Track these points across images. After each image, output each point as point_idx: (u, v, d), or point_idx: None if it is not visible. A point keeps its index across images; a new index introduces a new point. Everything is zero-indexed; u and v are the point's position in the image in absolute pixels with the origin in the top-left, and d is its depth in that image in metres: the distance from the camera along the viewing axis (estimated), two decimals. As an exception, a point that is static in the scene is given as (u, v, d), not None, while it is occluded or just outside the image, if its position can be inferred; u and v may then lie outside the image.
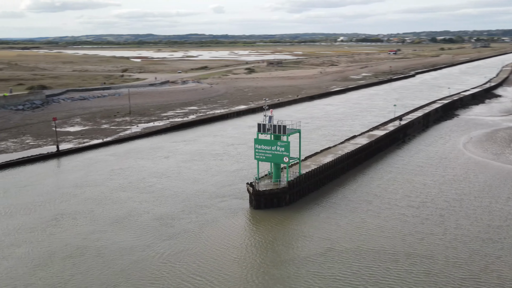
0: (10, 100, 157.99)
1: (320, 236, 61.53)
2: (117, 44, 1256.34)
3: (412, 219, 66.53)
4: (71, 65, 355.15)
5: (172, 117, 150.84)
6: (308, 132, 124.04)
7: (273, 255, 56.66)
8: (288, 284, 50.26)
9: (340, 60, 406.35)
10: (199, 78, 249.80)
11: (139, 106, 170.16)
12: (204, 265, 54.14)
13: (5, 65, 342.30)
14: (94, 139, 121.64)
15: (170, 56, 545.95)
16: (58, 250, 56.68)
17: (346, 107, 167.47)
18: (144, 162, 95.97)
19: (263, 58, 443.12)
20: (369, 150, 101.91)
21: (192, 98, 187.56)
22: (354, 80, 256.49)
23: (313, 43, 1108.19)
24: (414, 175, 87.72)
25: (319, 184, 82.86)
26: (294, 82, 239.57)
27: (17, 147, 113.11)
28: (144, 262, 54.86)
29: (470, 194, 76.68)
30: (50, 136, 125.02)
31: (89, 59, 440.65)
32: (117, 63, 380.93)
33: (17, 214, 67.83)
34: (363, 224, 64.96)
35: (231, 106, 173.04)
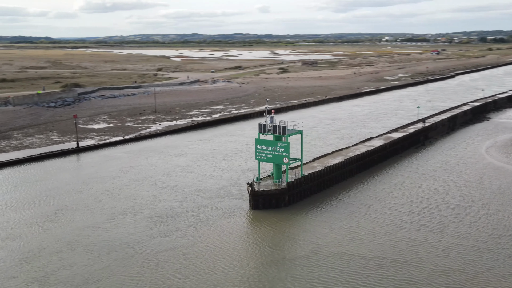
0: (43, 97, 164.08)
1: (310, 240, 60.65)
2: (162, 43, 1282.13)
3: (409, 225, 64.51)
4: (112, 64, 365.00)
5: (196, 116, 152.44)
6: (326, 133, 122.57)
7: (256, 257, 56.29)
8: (264, 286, 49.82)
9: (378, 61, 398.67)
10: (230, 77, 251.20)
11: (166, 105, 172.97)
12: (186, 264, 54.43)
13: (50, 64, 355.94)
14: (115, 136, 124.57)
15: (210, 55, 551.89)
16: (49, 245, 58.37)
17: (372, 109, 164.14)
18: (154, 161, 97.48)
19: (301, 58, 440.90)
20: (382, 152, 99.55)
21: (219, 98, 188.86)
22: (388, 81, 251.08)
23: (356, 43, 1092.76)
24: (424, 179, 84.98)
25: (323, 186, 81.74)
26: (325, 82, 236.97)
27: (41, 143, 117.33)
28: (130, 259, 55.70)
29: (479, 201, 73.58)
30: (75, 132, 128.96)
31: (131, 58, 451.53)
32: (156, 62, 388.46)
33: (20, 208, 70.39)
34: (356, 229, 63.53)
35: (257, 105, 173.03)
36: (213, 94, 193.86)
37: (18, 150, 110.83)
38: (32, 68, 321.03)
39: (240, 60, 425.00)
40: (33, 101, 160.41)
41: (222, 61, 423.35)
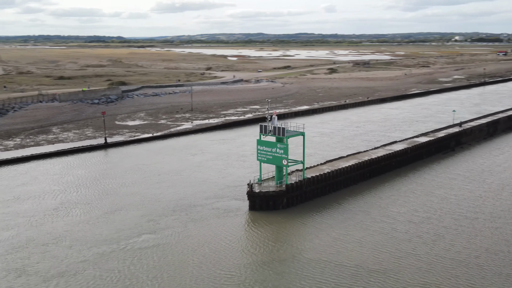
0: (88, 94, 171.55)
1: (291, 244, 59.32)
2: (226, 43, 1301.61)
3: (402, 235, 61.41)
4: (168, 63, 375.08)
5: (229, 115, 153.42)
6: (352, 136, 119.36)
7: (230, 258, 55.55)
8: (226, 290, 49.38)
9: (437, 61, 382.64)
10: (275, 77, 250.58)
11: (204, 104, 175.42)
12: (160, 262, 54.79)
13: (110, 62, 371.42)
14: (145, 133, 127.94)
15: (267, 55, 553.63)
16: (38, 238, 60.67)
17: (412, 112, 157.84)
18: (170, 159, 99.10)
19: (357, 59, 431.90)
20: (402, 157, 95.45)
21: (258, 97, 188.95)
22: (440, 83, 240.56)
23: (422, 43, 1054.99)
24: (439, 187, 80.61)
25: (328, 190, 79.65)
26: (372, 83, 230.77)
27: (74, 138, 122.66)
28: (109, 254, 56.84)
29: (489, 214, 68.77)
30: (109, 128, 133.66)
31: (188, 57, 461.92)
32: (211, 61, 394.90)
33: (27, 201, 73.81)
34: (343, 236, 61.32)
35: (294, 106, 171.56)
36: (253, 94, 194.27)
37: (52, 144, 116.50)
38: (92, 66, 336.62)
39: (294, 60, 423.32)
40: (78, 98, 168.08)
41: (277, 60, 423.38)
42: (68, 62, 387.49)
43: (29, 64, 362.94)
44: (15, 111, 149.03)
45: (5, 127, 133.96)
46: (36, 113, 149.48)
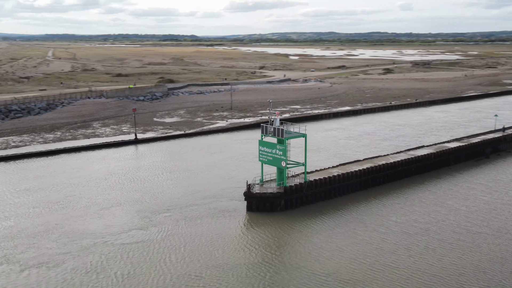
0: (134, 91, 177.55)
1: (270, 248, 57.97)
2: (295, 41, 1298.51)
3: (389, 246, 58.12)
4: (227, 62, 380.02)
5: (267, 115, 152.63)
6: (381, 140, 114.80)
7: (203, 258, 55.06)
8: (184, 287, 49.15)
9: (508, 62, 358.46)
10: (325, 77, 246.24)
11: (246, 102, 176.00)
12: (139, 257, 55.45)
13: (171, 60, 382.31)
14: (177, 130, 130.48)
15: (331, 54, 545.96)
16: (30, 229, 63.25)
17: (458, 116, 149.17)
18: (187, 157, 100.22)
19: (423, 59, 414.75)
20: (424, 163, 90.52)
21: (302, 97, 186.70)
22: (503, 85, 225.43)
23: (503, 43, 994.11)
24: (452, 197, 75.56)
25: (333, 194, 77.16)
26: (426, 84, 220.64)
27: (110, 133, 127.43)
28: (91, 248, 58.30)
29: (497, 229, 63.50)
30: (146, 125, 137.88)
31: (249, 56, 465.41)
32: (271, 60, 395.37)
33: (35, 193, 77.40)
34: (325, 243, 59.01)
35: (336, 107, 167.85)
36: (298, 93, 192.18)
37: (88, 138, 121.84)
38: (153, 64, 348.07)
39: (355, 59, 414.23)
40: (124, 95, 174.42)
41: (337, 60, 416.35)
42: (134, 60, 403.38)
43: (98, 62, 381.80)
44: (64, 106, 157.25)
45: (51, 121, 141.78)
46: (82, 108, 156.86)
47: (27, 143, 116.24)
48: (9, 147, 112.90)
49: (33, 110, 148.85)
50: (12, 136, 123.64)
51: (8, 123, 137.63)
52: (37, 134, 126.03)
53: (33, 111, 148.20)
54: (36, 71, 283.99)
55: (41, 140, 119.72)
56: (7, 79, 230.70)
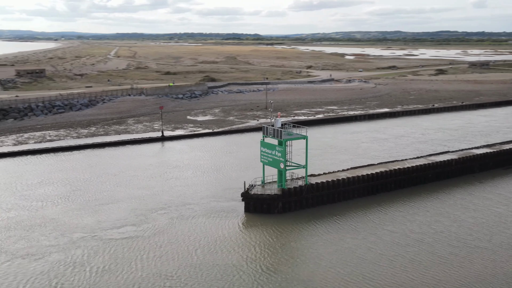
0: (174, 89, 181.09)
1: (248, 250, 56.99)
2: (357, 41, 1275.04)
3: (371, 256, 55.36)
4: (279, 61, 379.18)
5: (300, 115, 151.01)
6: (407, 144, 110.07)
7: (181, 258, 55.12)
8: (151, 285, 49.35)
9: None
10: (371, 77, 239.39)
11: (283, 102, 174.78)
12: (120, 253, 56.32)
13: (224, 59, 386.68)
14: (206, 129, 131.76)
15: (390, 54, 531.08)
16: (27, 221, 65.81)
17: (501, 121, 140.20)
18: (202, 155, 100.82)
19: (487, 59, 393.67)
20: (442, 169, 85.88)
21: (341, 98, 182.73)
22: None
23: None
24: (462, 207, 71.03)
25: (337, 198, 74.85)
26: (478, 86, 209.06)
27: (140, 130, 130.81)
28: (79, 242, 59.74)
29: (498, 244, 58.96)
30: (178, 122, 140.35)
31: (303, 55, 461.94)
32: (324, 60, 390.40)
33: (45, 186, 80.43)
34: (306, 250, 57.38)
35: (375, 108, 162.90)
36: (338, 94, 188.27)
37: (118, 134, 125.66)
38: (206, 63, 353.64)
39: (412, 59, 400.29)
40: (164, 92, 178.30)
41: (394, 60, 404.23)
42: (188, 58, 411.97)
43: (154, 60, 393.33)
44: (104, 103, 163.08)
45: (89, 116, 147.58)
46: (121, 105, 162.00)
47: (61, 137, 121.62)
48: (44, 140, 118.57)
49: (75, 106, 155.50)
50: (51, 130, 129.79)
51: (50, 118, 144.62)
52: (73, 129, 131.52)
53: (75, 107, 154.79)
54: (92, 68, 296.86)
55: (75, 134, 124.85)
56: (62, 76, 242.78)
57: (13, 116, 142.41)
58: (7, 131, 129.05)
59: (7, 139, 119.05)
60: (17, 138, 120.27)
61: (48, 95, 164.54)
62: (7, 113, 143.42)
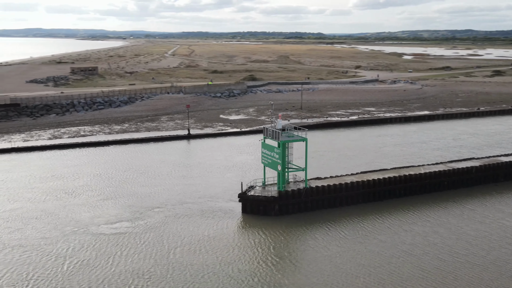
0: (212, 88, 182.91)
1: (229, 251, 56.42)
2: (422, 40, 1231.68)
3: (348, 267, 52.91)
4: (332, 60, 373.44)
5: (334, 116, 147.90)
6: (433, 149, 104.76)
7: (165, 256, 55.44)
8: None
9: None
10: (419, 78, 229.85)
11: (321, 102, 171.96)
12: (106, 249, 57.53)
13: (276, 58, 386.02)
14: (234, 128, 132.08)
15: (453, 54, 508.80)
16: (29, 213, 68.59)
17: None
18: (217, 154, 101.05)
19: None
20: (460, 177, 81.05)
21: (382, 99, 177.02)
22: None
23: None
24: (466, 218, 66.63)
25: (339, 203, 72.59)
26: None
27: (170, 127, 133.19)
28: (70, 236, 61.63)
29: (490, 260, 54.70)
30: (209, 121, 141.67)
31: (358, 54, 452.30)
32: (379, 59, 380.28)
33: (58, 180, 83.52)
34: (283, 257, 55.86)
35: (414, 111, 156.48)
36: (378, 95, 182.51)
37: (148, 131, 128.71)
38: (257, 62, 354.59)
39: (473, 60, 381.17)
40: (202, 91, 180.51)
41: (454, 60, 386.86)
42: (242, 57, 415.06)
43: (208, 58, 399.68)
44: (143, 100, 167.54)
45: (126, 113, 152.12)
46: (158, 103, 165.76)
47: (94, 133, 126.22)
48: (77, 135, 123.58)
49: (114, 103, 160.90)
50: (86, 126, 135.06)
51: (89, 114, 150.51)
52: (108, 125, 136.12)
53: (114, 104, 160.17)
54: (144, 66, 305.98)
55: (107, 130, 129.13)
56: (113, 73, 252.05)
57: (56, 111, 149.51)
58: (47, 125, 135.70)
59: (44, 133, 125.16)
60: (54, 132, 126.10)
61: (91, 92, 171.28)
62: (51, 109, 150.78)
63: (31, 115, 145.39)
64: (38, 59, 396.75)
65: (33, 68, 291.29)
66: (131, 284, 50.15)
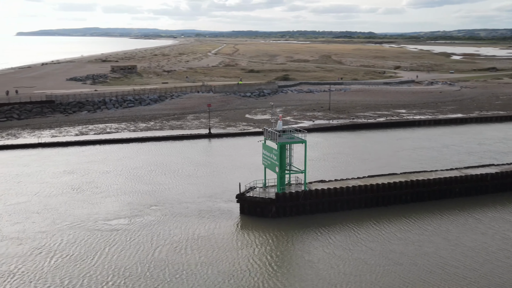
0: (242, 87, 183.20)
1: (213, 252, 56.16)
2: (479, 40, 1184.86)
3: (326, 273, 51.48)
4: (375, 60, 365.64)
5: (361, 117, 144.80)
6: (452, 154, 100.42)
7: (148, 255, 55.97)
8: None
9: None
10: (459, 79, 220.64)
11: (351, 103, 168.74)
12: (94, 245, 58.79)
13: (317, 58, 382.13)
14: (256, 128, 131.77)
15: (507, 54, 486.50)
16: (32, 207, 70.77)
17: None
18: (230, 154, 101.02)
19: None
20: (473, 183, 77.16)
21: (415, 101, 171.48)
22: None
23: None
24: (468, 229, 63.35)
25: (339, 206, 70.81)
26: None
27: (195, 126, 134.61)
28: (66, 230, 63.14)
29: (480, 274, 51.74)
30: (234, 120, 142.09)
31: (404, 54, 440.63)
32: (426, 60, 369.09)
33: (68, 175, 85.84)
34: (262, 260, 55.10)
35: (447, 113, 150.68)
36: (412, 97, 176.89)
37: (172, 129, 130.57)
38: (298, 61, 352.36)
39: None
40: (232, 90, 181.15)
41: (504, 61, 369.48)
42: (284, 56, 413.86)
43: (249, 58, 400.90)
44: (172, 99, 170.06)
45: (154, 111, 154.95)
46: (187, 101, 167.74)
47: (119, 130, 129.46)
48: (103, 132, 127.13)
49: (144, 101, 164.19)
50: (114, 123, 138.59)
51: (119, 112, 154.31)
52: (134, 122, 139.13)
53: (144, 102, 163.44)
54: (184, 65, 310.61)
55: (132, 128, 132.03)
56: (150, 72, 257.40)
57: (87, 108, 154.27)
58: (77, 122, 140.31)
59: (73, 129, 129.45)
60: (82, 129, 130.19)
61: (122, 90, 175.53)
62: (83, 106, 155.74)
63: (64, 111, 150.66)
64: (87, 57, 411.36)
65: (79, 66, 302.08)
66: (109, 281, 50.93)
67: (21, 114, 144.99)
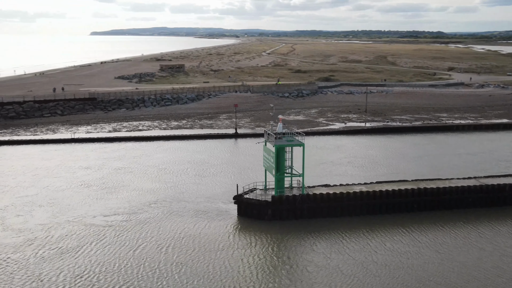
0: (281, 88, 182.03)
1: (197, 253, 56.13)
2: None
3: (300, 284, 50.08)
4: (433, 61, 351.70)
5: (396, 120, 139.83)
6: (477, 163, 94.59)
7: (128, 253, 56.81)
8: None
9: None
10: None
11: (390, 106, 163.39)
12: (81, 241, 60.48)
13: (371, 59, 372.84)
14: (286, 129, 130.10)
15: None
16: (39, 201, 73.52)
17: None
18: (247, 155, 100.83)
19: None
20: (488, 194, 72.33)
21: (460, 104, 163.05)
22: None
23: None
24: (462, 242, 59.36)
25: (339, 212, 68.66)
26: None
27: (225, 125, 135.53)
28: (62, 224, 65.33)
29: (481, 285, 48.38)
30: (265, 121, 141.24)
31: (466, 55, 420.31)
32: (487, 61, 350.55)
33: (83, 171, 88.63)
34: (237, 263, 54.32)
35: (491, 118, 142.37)
36: (457, 100, 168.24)
37: (201, 128, 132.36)
38: (352, 62, 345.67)
39: None
40: (270, 91, 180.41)
41: None
42: (338, 56, 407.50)
43: (303, 58, 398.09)
44: (209, 98, 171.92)
45: (189, 110, 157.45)
46: (223, 101, 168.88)
47: (151, 127, 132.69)
48: (135, 130, 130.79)
49: (181, 99, 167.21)
50: (148, 121, 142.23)
51: (156, 110, 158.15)
52: (167, 121, 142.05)
53: (181, 101, 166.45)
54: (233, 65, 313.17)
55: (164, 126, 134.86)
56: (197, 71, 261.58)
57: (126, 106, 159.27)
58: (113, 119, 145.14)
59: (108, 126, 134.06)
60: (116, 126, 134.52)
61: (161, 88, 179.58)
62: (122, 103, 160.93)
63: (104, 109, 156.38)
64: (146, 56, 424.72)
65: (133, 65, 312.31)
66: (83, 275, 52.13)
67: (64, 110, 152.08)
